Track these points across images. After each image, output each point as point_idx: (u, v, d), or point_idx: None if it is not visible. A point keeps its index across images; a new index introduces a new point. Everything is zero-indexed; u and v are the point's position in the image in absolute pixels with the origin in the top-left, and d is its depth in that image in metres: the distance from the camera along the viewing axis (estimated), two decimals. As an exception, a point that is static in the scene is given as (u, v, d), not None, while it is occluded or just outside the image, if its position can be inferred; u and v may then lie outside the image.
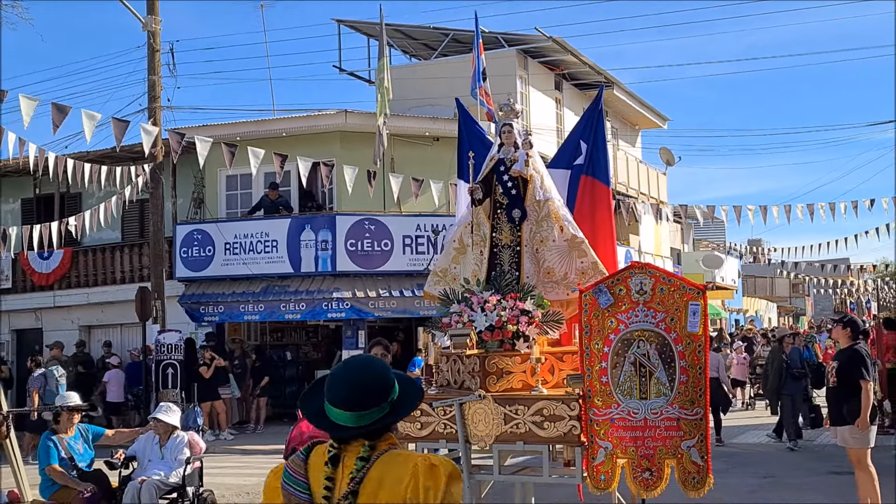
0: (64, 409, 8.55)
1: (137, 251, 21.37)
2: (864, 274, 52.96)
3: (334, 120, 20.42)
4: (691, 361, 7.09)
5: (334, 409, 2.90)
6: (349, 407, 2.88)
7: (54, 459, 8.34)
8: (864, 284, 52.40)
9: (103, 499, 8.30)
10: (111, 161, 18.16)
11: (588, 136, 9.03)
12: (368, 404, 2.88)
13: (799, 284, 50.75)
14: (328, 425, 2.93)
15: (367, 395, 2.89)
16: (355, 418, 2.88)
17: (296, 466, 2.91)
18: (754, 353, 21.56)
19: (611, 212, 8.97)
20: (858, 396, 8.89)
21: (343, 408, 2.88)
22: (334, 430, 2.91)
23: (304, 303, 18.86)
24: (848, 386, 8.88)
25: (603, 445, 7.27)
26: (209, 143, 15.30)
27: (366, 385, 2.91)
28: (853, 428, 8.87)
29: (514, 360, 7.79)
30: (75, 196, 22.18)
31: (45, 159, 15.12)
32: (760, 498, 10.34)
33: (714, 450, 7.83)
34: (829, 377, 9.02)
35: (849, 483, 9.62)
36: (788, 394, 14.24)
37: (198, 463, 8.67)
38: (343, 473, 2.85)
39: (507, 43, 23.86)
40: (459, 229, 8.63)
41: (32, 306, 22.24)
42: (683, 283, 7.33)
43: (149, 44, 18.68)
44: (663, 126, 32.95)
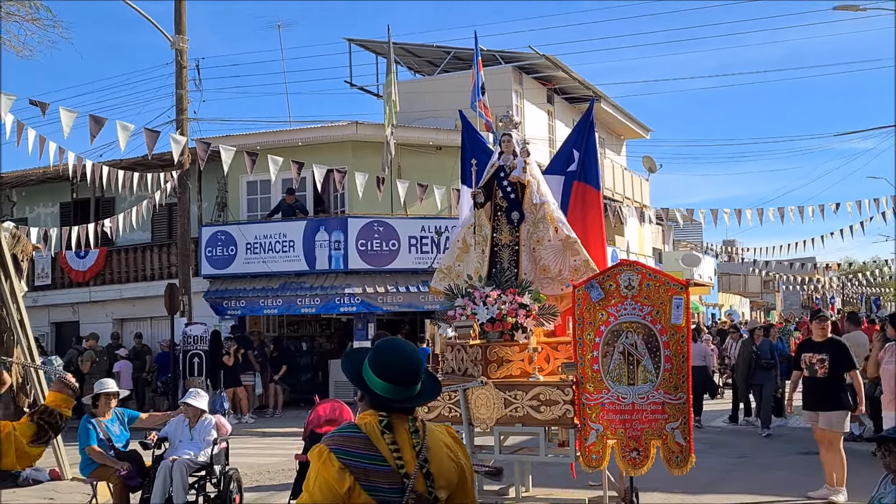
0: (102, 394, 8.54)
1: (166, 251, 21.35)
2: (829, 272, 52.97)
3: (346, 131, 20.39)
4: (675, 350, 7.10)
5: (380, 382, 3.00)
6: (395, 381, 3.00)
7: (93, 440, 8.31)
8: (829, 281, 52.38)
9: (138, 476, 8.26)
10: (142, 168, 18.17)
11: (580, 145, 9.02)
12: (409, 381, 3.03)
13: (770, 281, 50.69)
14: (371, 395, 3.02)
15: (410, 373, 3.03)
16: (398, 392, 3.00)
17: (358, 445, 2.93)
18: (723, 345, 21.35)
19: (601, 214, 8.96)
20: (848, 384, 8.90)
21: (390, 381, 2.99)
22: (377, 400, 3.01)
23: (318, 298, 18.85)
24: (838, 376, 8.88)
25: (594, 427, 7.28)
26: (232, 151, 15.31)
27: (409, 364, 3.05)
28: (842, 413, 8.88)
29: (513, 349, 7.81)
30: (109, 200, 22.16)
31: (83, 166, 15.14)
32: (738, 476, 10.35)
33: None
34: (815, 368, 8.92)
35: (814, 462, 9.66)
36: (758, 384, 14.05)
37: (224, 444, 8.64)
38: (402, 438, 2.97)
39: (504, 60, 23.84)
40: (463, 230, 8.63)
41: (70, 301, 22.24)
42: (668, 279, 7.34)
43: (177, 61, 18.68)
44: (646, 136, 32.94)
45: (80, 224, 19.04)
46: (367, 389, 3.04)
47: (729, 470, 10.70)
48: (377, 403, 3.02)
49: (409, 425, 3.00)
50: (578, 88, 26.29)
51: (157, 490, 7.98)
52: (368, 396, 3.04)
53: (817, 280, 49.60)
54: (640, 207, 26.65)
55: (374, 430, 2.96)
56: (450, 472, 3.02)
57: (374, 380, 3.00)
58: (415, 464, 2.92)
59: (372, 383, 3.01)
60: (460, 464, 3.07)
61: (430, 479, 2.93)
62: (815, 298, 47.88)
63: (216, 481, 8.33)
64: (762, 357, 14.06)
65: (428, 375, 3.19)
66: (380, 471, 2.88)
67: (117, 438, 8.48)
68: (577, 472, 7.92)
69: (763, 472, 10.59)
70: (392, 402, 2.99)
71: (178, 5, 18.71)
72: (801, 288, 49.50)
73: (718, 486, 9.60)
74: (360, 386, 3.06)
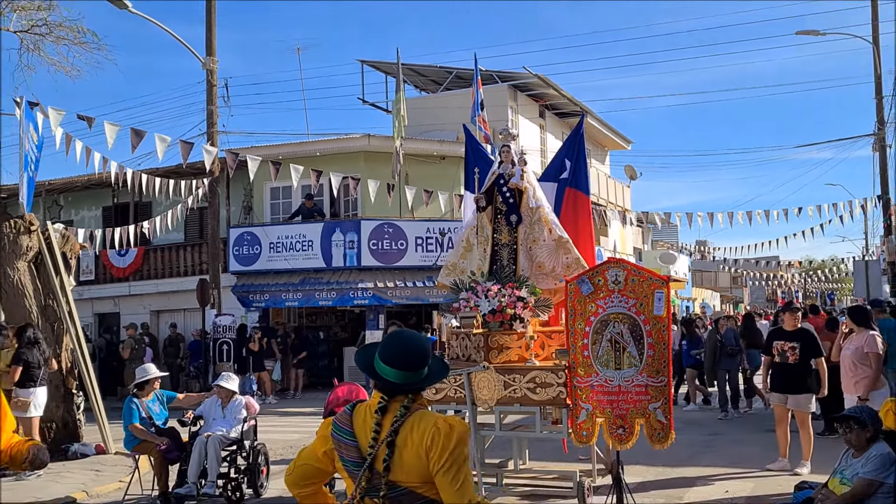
0: (146, 379, 8.56)
1: (197, 249, 21.34)
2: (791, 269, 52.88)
3: (359, 142, 20.38)
4: (657, 339, 7.10)
5: (388, 369, 2.98)
6: (402, 367, 2.98)
7: (136, 419, 8.32)
8: (791, 278, 52.34)
9: (176, 450, 8.27)
10: (176, 175, 18.16)
11: (572, 155, 9.03)
12: (414, 367, 2.99)
13: (738, 277, 50.65)
14: (381, 380, 3.01)
15: (414, 360, 3.00)
16: (404, 377, 2.98)
17: (343, 420, 3.00)
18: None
19: (590, 217, 8.98)
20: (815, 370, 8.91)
21: (397, 368, 2.97)
22: (386, 385, 3.00)
23: (334, 291, 18.85)
24: (806, 362, 8.88)
25: (585, 407, 7.30)
26: (258, 161, 15.33)
27: (414, 352, 3.02)
28: (809, 395, 8.90)
29: (512, 337, 7.83)
30: (147, 204, 22.15)
31: (124, 174, 15.16)
32: (712, 450, 10.37)
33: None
34: (787, 355, 8.90)
35: (769, 441, 9.67)
36: (724, 369, 13.77)
37: (253, 421, 8.65)
38: (388, 421, 2.94)
39: (500, 79, 23.82)
40: (467, 231, 8.64)
41: (111, 294, 22.24)
42: (650, 274, 7.34)
43: (207, 80, 18.66)
44: (627, 147, 32.90)
45: (121, 226, 19.06)
46: (376, 377, 3.04)
47: (704, 445, 10.72)
48: (384, 388, 3.01)
49: (401, 406, 2.95)
50: (567, 104, 26.26)
51: (193, 463, 8.02)
52: (378, 382, 3.05)
53: (781, 276, 49.58)
54: (623, 211, 26.66)
55: (363, 411, 3.00)
56: (415, 452, 2.87)
57: (384, 367, 2.99)
58: (383, 444, 2.88)
59: (381, 371, 3.00)
60: (427, 446, 2.87)
61: (390, 451, 2.86)
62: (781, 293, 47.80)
63: (246, 455, 8.34)
64: (727, 344, 13.82)
65: (437, 360, 3.17)
66: (348, 444, 2.94)
67: (157, 417, 8.51)
68: (569, 447, 7.91)
69: (734, 447, 10.61)
70: (400, 385, 2.98)
71: (208, 31, 18.70)
72: (766, 283, 49.52)
73: (695, 459, 9.62)
74: (371, 375, 3.07)
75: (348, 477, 2.96)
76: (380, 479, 2.86)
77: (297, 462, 3.06)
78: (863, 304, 14.38)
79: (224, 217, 20.51)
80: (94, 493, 8.80)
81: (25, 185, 11.22)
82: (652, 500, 7.60)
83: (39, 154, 11.55)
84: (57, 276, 11.48)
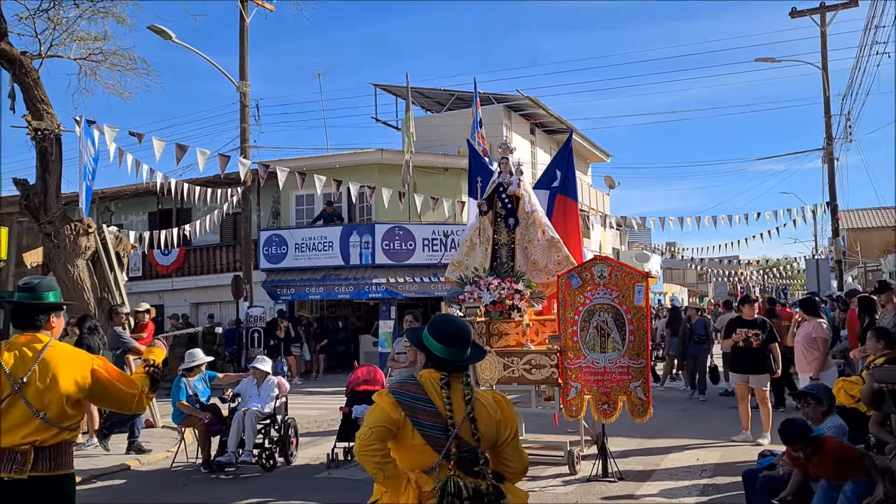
0: (195, 363, 8.59)
1: (232, 249, 21.33)
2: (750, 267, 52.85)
3: (373, 156, 20.38)
4: (637, 326, 7.14)
5: (442, 346, 2.94)
6: (454, 345, 2.95)
7: (182, 396, 8.35)
8: (750, 275, 52.25)
9: (217, 424, 8.29)
10: (213, 185, 18.19)
11: (562, 166, 9.05)
12: (463, 346, 2.98)
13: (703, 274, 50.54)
14: (437, 359, 2.96)
15: (464, 340, 2.99)
16: (455, 354, 2.94)
17: (415, 389, 2.89)
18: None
19: (578, 220, 8.99)
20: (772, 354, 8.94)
21: (450, 346, 2.94)
22: (443, 363, 2.95)
23: (351, 286, 18.84)
24: (765, 347, 8.90)
25: (574, 386, 7.34)
26: (286, 171, 15.33)
27: (463, 334, 3.01)
28: (767, 375, 8.93)
29: (510, 325, 7.87)
30: (187, 210, 22.15)
31: (168, 183, 15.18)
32: (684, 424, 10.36)
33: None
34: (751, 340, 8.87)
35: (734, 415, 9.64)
36: (692, 355, 13.58)
37: (284, 399, 8.64)
38: (456, 396, 2.89)
39: (496, 101, 23.79)
40: (470, 232, 8.65)
41: (156, 289, 22.20)
42: (632, 270, 7.40)
43: (241, 101, 18.68)
44: (607, 160, 32.84)
45: (165, 229, 19.11)
46: (429, 354, 2.96)
47: (676, 420, 10.71)
48: (438, 364, 2.94)
49: (463, 383, 2.93)
50: (555, 123, 26.25)
51: (232, 434, 8.04)
52: (431, 359, 2.97)
53: (741, 273, 49.54)
54: (603, 216, 26.67)
55: (429, 383, 2.91)
56: (488, 425, 2.89)
57: (435, 344, 2.94)
58: (463, 414, 2.83)
59: (432, 347, 2.94)
60: (497, 419, 2.92)
61: (474, 426, 2.83)
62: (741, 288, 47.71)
63: (278, 427, 8.33)
64: (696, 333, 13.59)
65: (474, 345, 3.11)
66: (426, 410, 2.82)
67: (201, 394, 8.52)
68: (560, 421, 7.94)
69: (702, 421, 10.60)
70: (449, 362, 2.93)
71: (241, 59, 18.70)
72: (728, 279, 49.43)
73: (670, 431, 9.62)
74: (423, 350, 2.99)
75: (424, 442, 2.81)
76: (473, 449, 2.82)
77: (369, 426, 2.81)
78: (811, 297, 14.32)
79: (255, 221, 20.53)
80: (145, 462, 8.81)
81: (84, 192, 11.25)
82: (633, 466, 7.61)
83: (96, 166, 11.58)
84: (111, 272, 11.51)
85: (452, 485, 2.70)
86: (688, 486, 6.88)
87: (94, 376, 3.49)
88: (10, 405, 3.32)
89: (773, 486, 5.06)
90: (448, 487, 2.70)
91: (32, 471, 3.28)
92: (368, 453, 2.77)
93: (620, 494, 6.61)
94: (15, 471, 3.26)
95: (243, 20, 18.15)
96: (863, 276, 28.92)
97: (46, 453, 3.33)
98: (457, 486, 2.70)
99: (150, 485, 7.74)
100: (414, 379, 2.99)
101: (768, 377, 9.00)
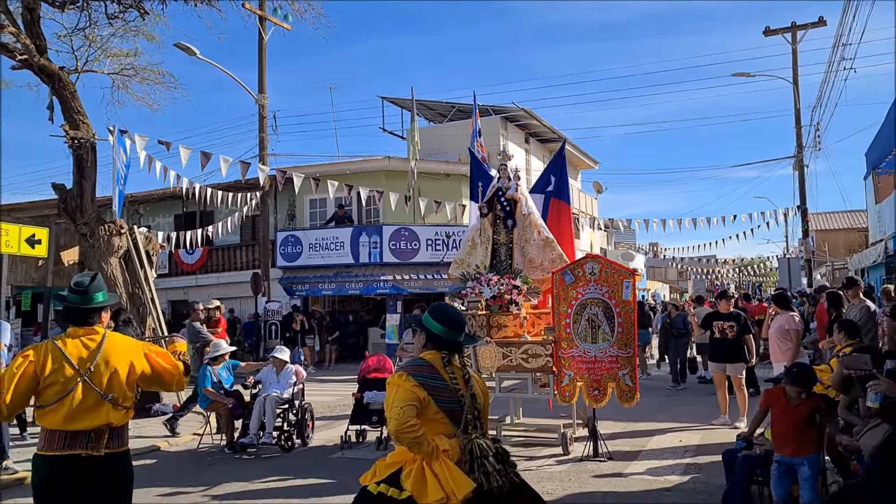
0: (219, 353, 8.62)
1: (251, 249, 21.32)
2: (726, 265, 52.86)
3: (381, 163, 20.38)
4: (625, 318, 7.17)
5: (444, 328, 3.12)
6: (453, 328, 3.13)
7: (208, 383, 8.37)
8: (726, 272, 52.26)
9: (240, 408, 8.34)
10: (234, 189, 18.21)
11: (556, 172, 9.08)
12: (460, 329, 3.17)
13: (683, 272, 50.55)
14: (438, 340, 3.14)
15: (460, 324, 3.19)
16: (454, 335, 3.13)
17: (431, 371, 3.04)
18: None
19: (571, 221, 9.02)
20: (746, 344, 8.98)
21: (450, 328, 3.12)
22: (443, 343, 3.13)
23: (361, 282, 18.84)
24: (740, 338, 8.93)
25: (567, 373, 7.36)
26: (301, 177, 15.36)
27: (460, 319, 3.22)
28: (742, 364, 8.97)
29: (509, 317, 7.88)
30: (210, 212, 22.17)
31: (193, 188, 15.20)
32: (667, 409, 10.38)
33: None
34: (727, 332, 8.92)
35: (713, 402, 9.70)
36: (672, 348, 13.49)
37: (301, 385, 8.67)
38: (457, 373, 3.09)
39: (494, 112, 23.80)
40: (472, 233, 8.67)
41: (182, 286, 22.20)
42: (620, 267, 7.41)
43: (259, 113, 18.71)
44: (595, 167, 32.86)
45: (189, 230, 19.13)
46: (430, 333, 3.13)
47: (660, 405, 10.73)
48: (440, 344, 3.10)
49: (460, 364, 3.12)
50: (547, 132, 26.25)
51: (254, 418, 8.08)
52: (433, 340, 3.12)
53: (717, 271, 49.56)
54: (592, 218, 26.67)
55: (437, 361, 3.08)
56: (481, 396, 3.17)
57: (436, 325, 3.10)
58: (465, 388, 3.05)
59: (433, 328, 3.11)
60: (483, 390, 3.25)
61: (474, 399, 3.08)
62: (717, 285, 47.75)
63: (296, 412, 8.37)
64: (675, 327, 13.52)
65: (466, 334, 3.29)
66: (442, 388, 3.00)
67: (225, 381, 8.55)
68: (554, 406, 7.98)
69: (684, 407, 10.61)
70: (447, 341, 3.10)
71: (260, 74, 18.66)
72: (706, 277, 49.46)
73: (654, 416, 9.64)
74: (425, 331, 3.15)
75: (444, 415, 2.98)
76: (476, 416, 3.05)
77: (401, 407, 2.90)
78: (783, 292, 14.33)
79: (272, 223, 20.51)
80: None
81: (117, 196, 11.28)
82: (621, 447, 7.64)
83: (127, 171, 11.61)
84: (141, 269, 11.53)
85: (477, 447, 2.93)
86: (671, 465, 6.91)
87: (148, 360, 3.67)
88: (82, 392, 3.45)
89: (752, 465, 5.09)
90: (475, 450, 2.92)
91: (106, 448, 3.44)
92: (408, 430, 2.86)
93: (610, 473, 6.64)
94: (92, 448, 3.40)
95: (262, 38, 18.16)
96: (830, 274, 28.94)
97: (117, 432, 3.50)
98: (481, 448, 2.95)
99: (178, 464, 7.77)
100: (423, 360, 3.10)
101: (744, 365, 9.04)
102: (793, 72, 22.51)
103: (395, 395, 2.95)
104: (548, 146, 27.09)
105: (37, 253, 8.55)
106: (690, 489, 6.04)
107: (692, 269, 46.64)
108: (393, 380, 3.02)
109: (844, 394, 4.75)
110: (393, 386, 2.99)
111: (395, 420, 2.88)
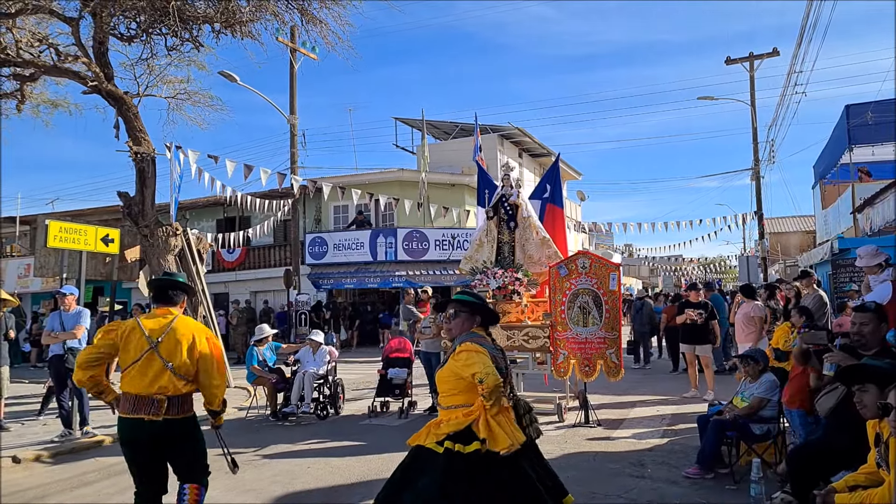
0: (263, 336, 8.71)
1: (283, 249, 21.43)
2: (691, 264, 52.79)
3: (395, 174, 20.46)
4: (611, 306, 7.25)
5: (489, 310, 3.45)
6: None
7: (255, 361, 8.45)
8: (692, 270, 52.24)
9: (282, 383, 8.43)
10: (268, 197, 18.35)
11: (551, 181, 9.16)
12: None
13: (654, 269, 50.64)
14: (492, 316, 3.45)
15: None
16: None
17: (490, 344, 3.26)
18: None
19: (564, 223, 9.09)
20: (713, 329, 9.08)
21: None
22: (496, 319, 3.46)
23: (378, 277, 18.93)
24: (706, 323, 9.03)
25: (562, 352, 7.47)
26: (329, 186, 15.46)
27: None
28: (710, 345, 9.07)
29: (512, 305, 7.96)
30: (247, 217, 22.29)
31: (235, 196, 15.30)
32: (645, 384, 10.42)
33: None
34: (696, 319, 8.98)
35: (685, 379, 9.79)
36: (641, 333, 13.34)
37: (333, 363, 8.75)
38: (495, 345, 3.33)
39: (492, 130, 23.86)
40: (480, 233, 8.72)
41: (223, 280, 22.30)
42: (607, 262, 7.50)
43: (291, 131, 18.84)
44: (579, 178, 32.87)
45: (229, 232, 19.26)
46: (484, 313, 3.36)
47: (640, 382, 10.79)
48: (490, 320, 3.35)
49: (492, 338, 3.32)
50: (538, 148, 26.32)
51: (294, 391, 8.19)
52: (487, 318, 3.34)
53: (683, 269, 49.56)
54: (576, 222, 26.70)
55: (486, 336, 3.31)
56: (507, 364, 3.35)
57: (481, 306, 3.35)
58: (503, 357, 3.27)
59: (480, 309, 3.35)
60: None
61: (506, 364, 3.31)
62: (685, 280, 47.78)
63: (330, 386, 8.47)
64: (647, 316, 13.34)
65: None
66: (498, 356, 3.21)
67: (269, 360, 8.62)
68: (550, 380, 8.07)
69: (660, 382, 10.68)
70: (494, 317, 3.38)
71: (291, 97, 18.79)
72: (674, 274, 49.49)
73: (635, 390, 9.70)
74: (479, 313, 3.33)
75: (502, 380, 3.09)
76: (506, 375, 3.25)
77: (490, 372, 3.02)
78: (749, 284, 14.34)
79: (302, 226, 20.65)
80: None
81: (173, 203, 11.41)
82: (608, 416, 7.74)
83: (181, 182, 11.75)
84: (194, 265, 11.66)
85: (522, 404, 3.24)
86: (652, 430, 7.01)
87: (207, 343, 3.77)
88: (150, 360, 3.58)
89: (722, 428, 5.21)
90: (521, 403, 3.23)
91: (166, 414, 3.55)
92: (499, 386, 3.04)
93: (599, 437, 6.75)
94: (153, 413, 3.53)
95: (293, 67, 18.27)
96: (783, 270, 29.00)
97: (176, 401, 3.61)
98: (524, 402, 3.26)
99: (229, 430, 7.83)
100: (479, 334, 3.26)
101: (710, 347, 9.15)
102: (751, 95, 22.58)
103: (477, 360, 3.05)
104: (538, 160, 27.17)
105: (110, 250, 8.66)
106: (669, 450, 6.15)
107: (662, 266, 46.74)
108: (468, 348, 3.12)
109: (803, 365, 4.87)
110: (471, 353, 3.09)
111: (492, 377, 3.00)
